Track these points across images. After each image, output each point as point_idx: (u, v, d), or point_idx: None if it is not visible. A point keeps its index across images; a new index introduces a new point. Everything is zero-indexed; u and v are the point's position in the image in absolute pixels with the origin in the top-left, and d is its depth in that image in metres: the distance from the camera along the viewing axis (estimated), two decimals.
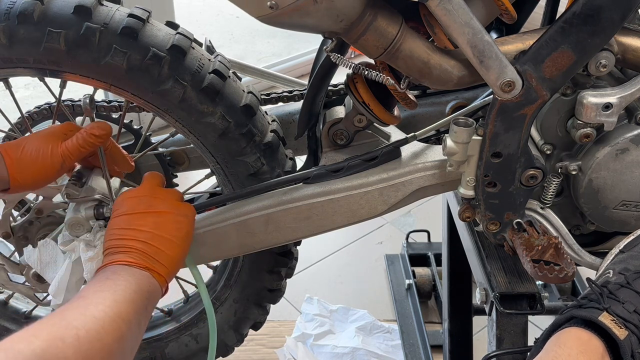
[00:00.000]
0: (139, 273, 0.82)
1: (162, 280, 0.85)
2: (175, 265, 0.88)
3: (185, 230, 0.90)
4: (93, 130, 0.91)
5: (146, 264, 0.84)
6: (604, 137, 0.91)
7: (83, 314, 0.70)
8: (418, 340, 1.65)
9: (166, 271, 0.85)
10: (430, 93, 1.18)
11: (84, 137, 0.90)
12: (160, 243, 0.86)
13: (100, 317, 0.70)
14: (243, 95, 1.01)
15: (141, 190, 0.92)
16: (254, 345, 1.65)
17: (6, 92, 1.06)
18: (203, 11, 3.67)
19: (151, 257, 0.84)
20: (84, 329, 0.67)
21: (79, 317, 0.69)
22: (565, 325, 0.77)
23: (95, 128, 0.91)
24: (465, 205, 0.97)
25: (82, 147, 0.90)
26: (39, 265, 1.02)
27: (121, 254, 0.84)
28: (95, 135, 0.91)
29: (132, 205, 0.89)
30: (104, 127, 0.92)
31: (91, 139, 0.91)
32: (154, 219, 0.88)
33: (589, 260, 0.97)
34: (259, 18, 0.83)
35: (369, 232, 2.05)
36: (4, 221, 1.09)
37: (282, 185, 0.99)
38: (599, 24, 0.79)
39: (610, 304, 0.76)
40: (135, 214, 0.88)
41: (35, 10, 0.89)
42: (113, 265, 0.83)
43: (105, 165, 0.96)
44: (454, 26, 0.80)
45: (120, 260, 0.83)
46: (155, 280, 0.84)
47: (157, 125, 2.01)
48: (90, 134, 0.91)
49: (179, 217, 0.90)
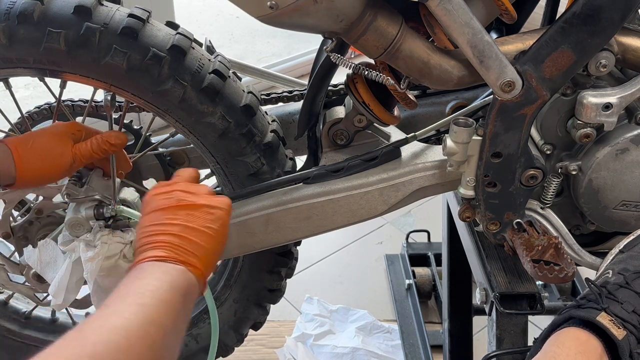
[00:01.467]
0: (172, 268, 0.74)
1: (199, 274, 0.76)
2: (212, 258, 0.80)
3: (221, 222, 0.83)
4: (110, 139, 0.91)
5: (180, 257, 0.76)
6: (604, 137, 0.91)
7: (102, 325, 0.63)
8: (418, 340, 1.65)
9: (202, 264, 0.77)
10: (430, 93, 1.18)
11: (99, 144, 0.91)
12: (194, 235, 0.79)
13: (124, 326, 0.63)
14: (243, 95, 1.01)
15: (172, 185, 0.86)
16: (254, 345, 1.65)
17: (6, 92, 1.06)
18: (203, 11, 3.66)
19: (185, 249, 0.77)
20: (102, 343, 0.61)
21: (98, 330, 0.63)
22: (564, 325, 0.78)
23: (112, 137, 0.92)
24: (465, 206, 0.97)
25: (95, 152, 0.91)
26: (39, 265, 1.02)
27: (152, 250, 0.76)
28: (110, 144, 0.91)
29: (162, 201, 0.83)
30: (121, 136, 0.93)
31: (105, 146, 0.91)
32: (187, 211, 0.81)
33: (589, 260, 0.98)
34: (259, 18, 0.83)
35: (369, 232, 2.05)
36: (4, 221, 1.09)
37: (282, 185, 0.99)
38: (599, 24, 0.79)
39: (608, 304, 0.76)
40: (166, 208, 0.81)
41: (35, 10, 0.89)
42: (143, 262, 0.75)
43: (115, 170, 0.97)
44: (454, 26, 0.80)
45: (151, 256, 0.75)
46: (192, 274, 0.75)
47: (157, 125, 2.01)
48: (106, 142, 0.91)
49: (213, 208, 0.83)
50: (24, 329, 1.26)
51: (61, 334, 0.63)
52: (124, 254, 0.99)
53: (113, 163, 0.96)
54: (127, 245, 0.99)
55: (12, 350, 1.26)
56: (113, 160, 0.96)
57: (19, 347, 1.26)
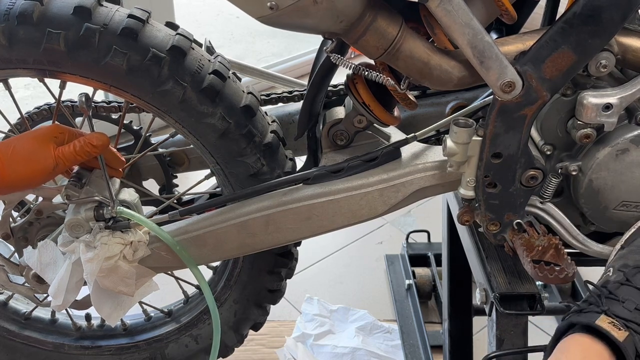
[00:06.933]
0: None
1: None
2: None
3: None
4: (92, 141, 0.91)
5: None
6: (604, 138, 0.91)
7: None
8: (418, 341, 1.65)
9: None
10: (431, 93, 1.18)
11: (82, 146, 0.91)
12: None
13: None
14: (243, 95, 1.00)
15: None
16: (254, 346, 1.65)
17: (6, 93, 1.06)
18: (203, 11, 3.66)
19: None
20: None
21: None
22: (569, 332, 0.77)
23: (94, 138, 0.92)
24: (464, 209, 0.97)
25: (78, 154, 0.91)
26: (38, 266, 1.02)
27: None
28: (93, 145, 0.91)
29: None
30: (102, 138, 0.93)
31: (88, 148, 0.91)
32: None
33: (596, 249, 0.96)
34: (259, 19, 0.83)
35: (369, 232, 2.05)
36: (4, 222, 1.09)
37: (283, 185, 0.99)
38: (600, 25, 0.79)
39: (609, 305, 0.76)
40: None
41: (34, 11, 0.89)
42: None
43: (106, 170, 0.96)
44: (454, 27, 0.80)
45: None
46: None
47: (157, 125, 2.01)
48: (88, 144, 0.91)
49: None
50: (24, 329, 1.26)
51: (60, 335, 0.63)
52: (124, 254, 0.99)
53: (103, 163, 0.95)
54: (127, 246, 0.99)
55: (12, 350, 1.26)
56: (102, 160, 0.95)
57: (19, 347, 1.26)
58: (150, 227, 0.98)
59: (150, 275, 1.05)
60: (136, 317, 1.29)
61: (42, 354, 1.26)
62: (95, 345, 1.26)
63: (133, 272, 1.00)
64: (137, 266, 1.02)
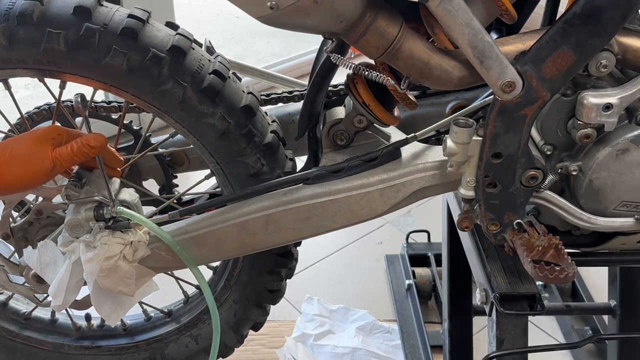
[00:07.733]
0: None
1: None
2: None
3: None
4: (90, 142, 0.91)
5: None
6: (604, 138, 0.91)
7: None
8: (418, 341, 1.65)
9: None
10: (431, 93, 1.17)
11: (79, 147, 0.90)
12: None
13: None
14: (243, 95, 1.00)
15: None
16: (254, 346, 1.65)
17: (6, 93, 1.06)
18: (203, 11, 3.66)
19: None
20: None
21: None
22: None
23: (91, 139, 0.91)
24: (464, 215, 0.97)
25: (76, 155, 0.91)
26: (38, 266, 1.02)
27: None
28: (90, 146, 0.91)
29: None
30: (100, 138, 0.92)
31: (86, 149, 0.91)
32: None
33: (604, 224, 0.96)
34: (259, 19, 0.83)
35: (369, 232, 2.05)
36: (4, 222, 1.09)
37: (283, 185, 0.99)
38: (600, 25, 0.79)
39: None
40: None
41: (34, 11, 0.89)
42: None
43: (105, 170, 0.96)
44: (454, 27, 0.80)
45: None
46: None
47: (157, 125, 2.01)
48: (86, 145, 0.91)
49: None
50: (24, 329, 1.26)
51: (60, 335, 0.63)
52: (124, 254, 0.99)
53: (101, 164, 0.95)
54: (127, 246, 0.99)
55: (12, 351, 1.26)
56: (100, 161, 0.95)
57: (19, 347, 1.26)
58: (150, 227, 0.98)
59: (150, 275, 1.05)
60: (136, 317, 1.29)
61: (42, 354, 1.26)
62: (95, 345, 1.27)
63: (133, 272, 1.00)
64: (137, 266, 1.02)
